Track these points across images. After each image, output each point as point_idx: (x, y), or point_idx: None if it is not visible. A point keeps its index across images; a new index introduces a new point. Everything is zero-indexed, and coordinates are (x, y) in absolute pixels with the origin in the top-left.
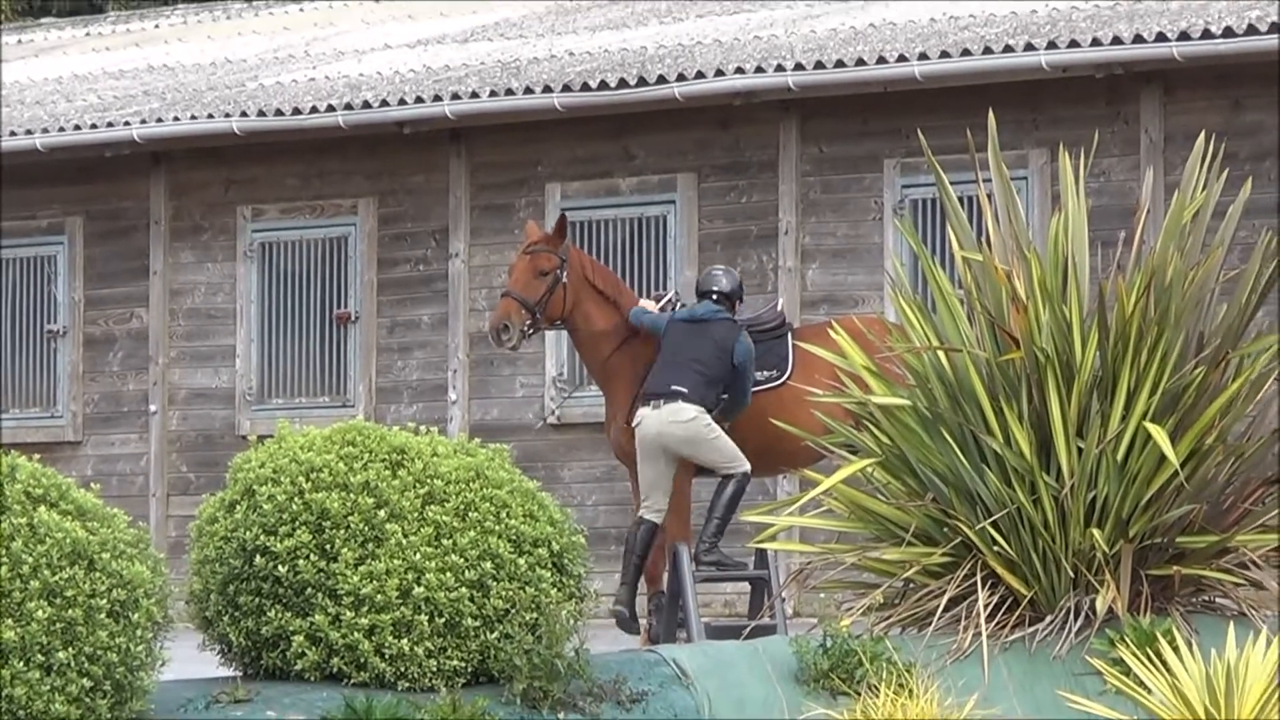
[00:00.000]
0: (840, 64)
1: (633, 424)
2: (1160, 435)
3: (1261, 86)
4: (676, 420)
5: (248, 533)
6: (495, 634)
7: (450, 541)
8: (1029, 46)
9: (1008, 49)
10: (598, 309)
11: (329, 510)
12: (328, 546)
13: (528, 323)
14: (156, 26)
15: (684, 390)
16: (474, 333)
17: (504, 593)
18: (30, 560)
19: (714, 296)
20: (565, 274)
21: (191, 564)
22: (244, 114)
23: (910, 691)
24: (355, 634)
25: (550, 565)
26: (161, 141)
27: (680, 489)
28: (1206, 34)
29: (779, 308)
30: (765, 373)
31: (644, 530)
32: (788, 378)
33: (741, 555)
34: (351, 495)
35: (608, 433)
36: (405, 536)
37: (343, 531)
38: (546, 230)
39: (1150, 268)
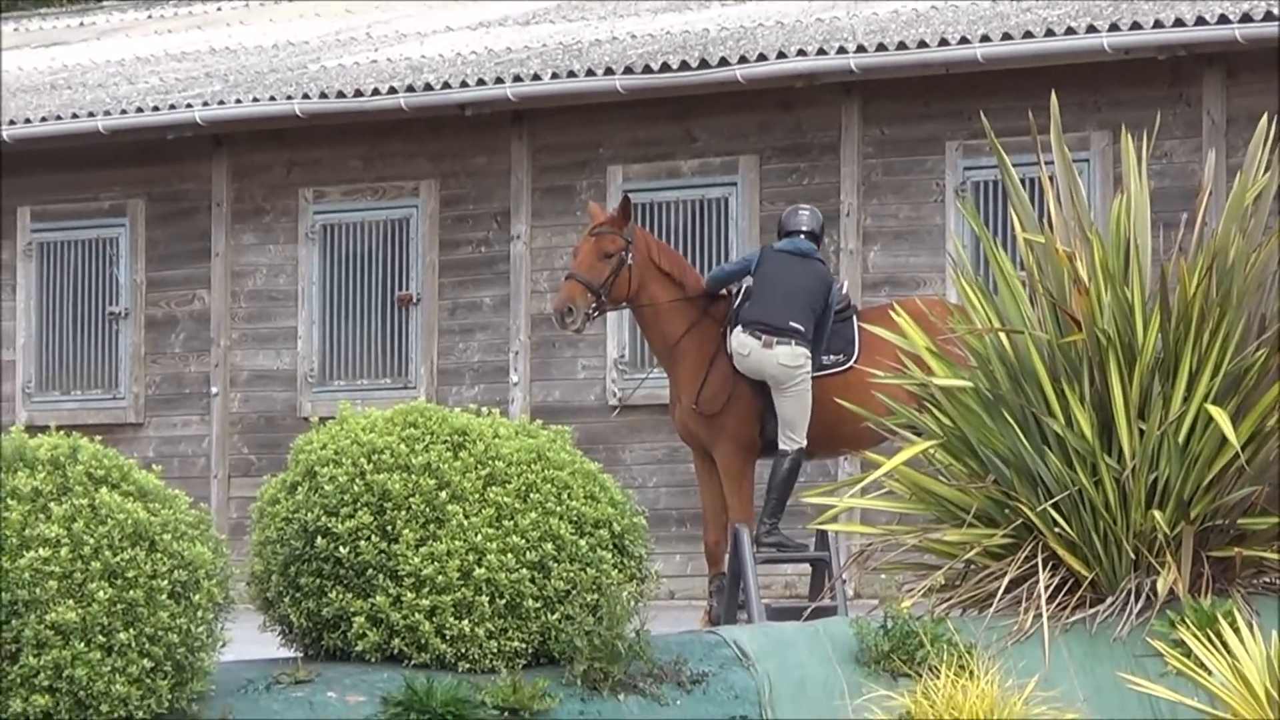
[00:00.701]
0: (902, 46)
1: (737, 351)
2: (1222, 417)
3: None
4: (786, 365)
5: (309, 514)
6: (556, 615)
7: (511, 523)
8: (1091, 29)
9: (1070, 31)
10: (663, 290)
11: (390, 491)
12: (389, 528)
13: (593, 305)
14: (219, 9)
15: (801, 329)
16: (535, 314)
17: (565, 574)
18: (92, 541)
19: (804, 234)
20: (631, 256)
21: (252, 545)
22: (306, 96)
23: (971, 673)
24: (416, 615)
25: (611, 546)
26: (223, 124)
27: (743, 472)
28: (1269, 15)
29: (844, 290)
30: (832, 356)
31: (790, 462)
32: (855, 361)
33: (802, 537)
34: (413, 476)
35: (672, 414)
36: (466, 518)
37: (404, 513)
38: (610, 212)
39: (1212, 250)
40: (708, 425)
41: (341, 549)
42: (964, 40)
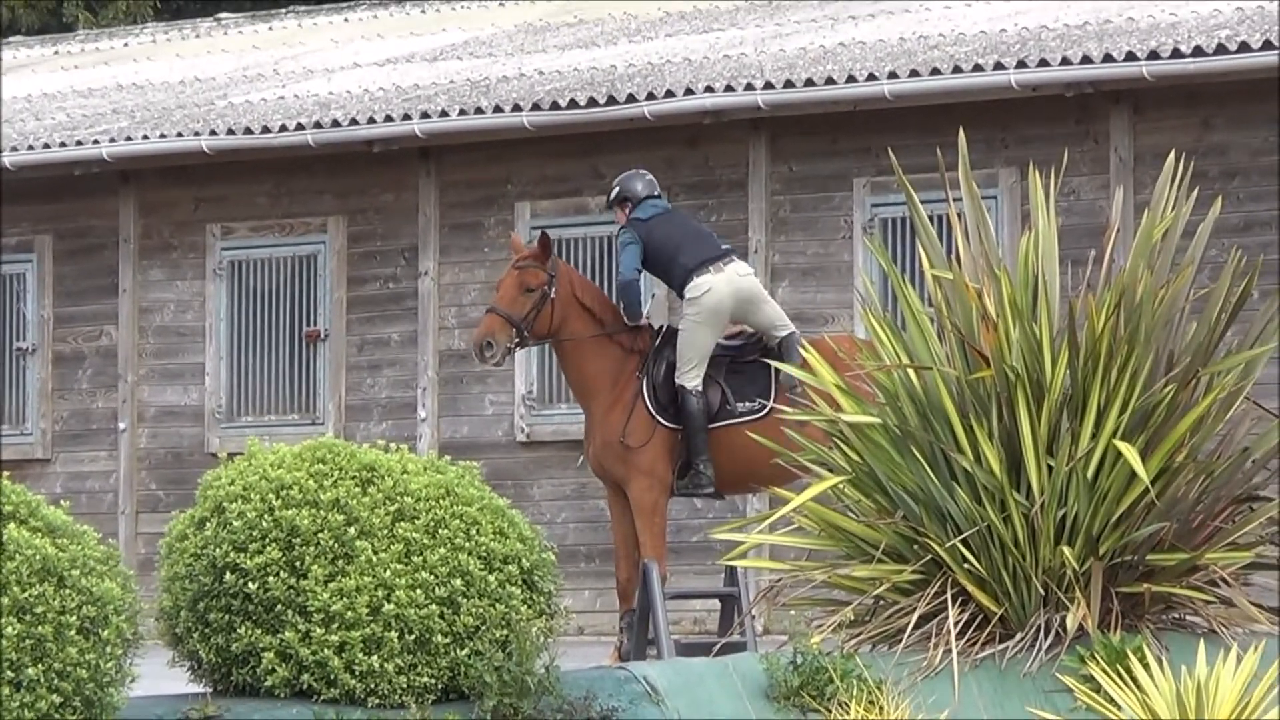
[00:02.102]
0: (810, 83)
1: (694, 294)
2: (1130, 453)
3: (1231, 106)
4: (747, 274)
5: (218, 550)
6: (465, 651)
7: (420, 558)
8: (998, 65)
9: (977, 68)
10: (585, 326)
11: (299, 527)
12: (298, 563)
13: (514, 339)
14: (125, 45)
15: (732, 248)
16: (444, 350)
17: (474, 610)
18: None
19: (658, 195)
20: (554, 290)
21: (161, 581)
22: (213, 132)
23: (881, 708)
24: (325, 651)
25: (520, 582)
26: (131, 160)
27: (655, 507)
28: (1176, 53)
29: (753, 335)
30: (747, 404)
31: (703, 402)
32: (773, 404)
33: (712, 573)
34: (321, 512)
35: (586, 451)
36: (375, 553)
37: (313, 548)
38: (531, 246)
39: (1120, 286)
40: (623, 461)
41: (250, 585)
42: (872, 77)
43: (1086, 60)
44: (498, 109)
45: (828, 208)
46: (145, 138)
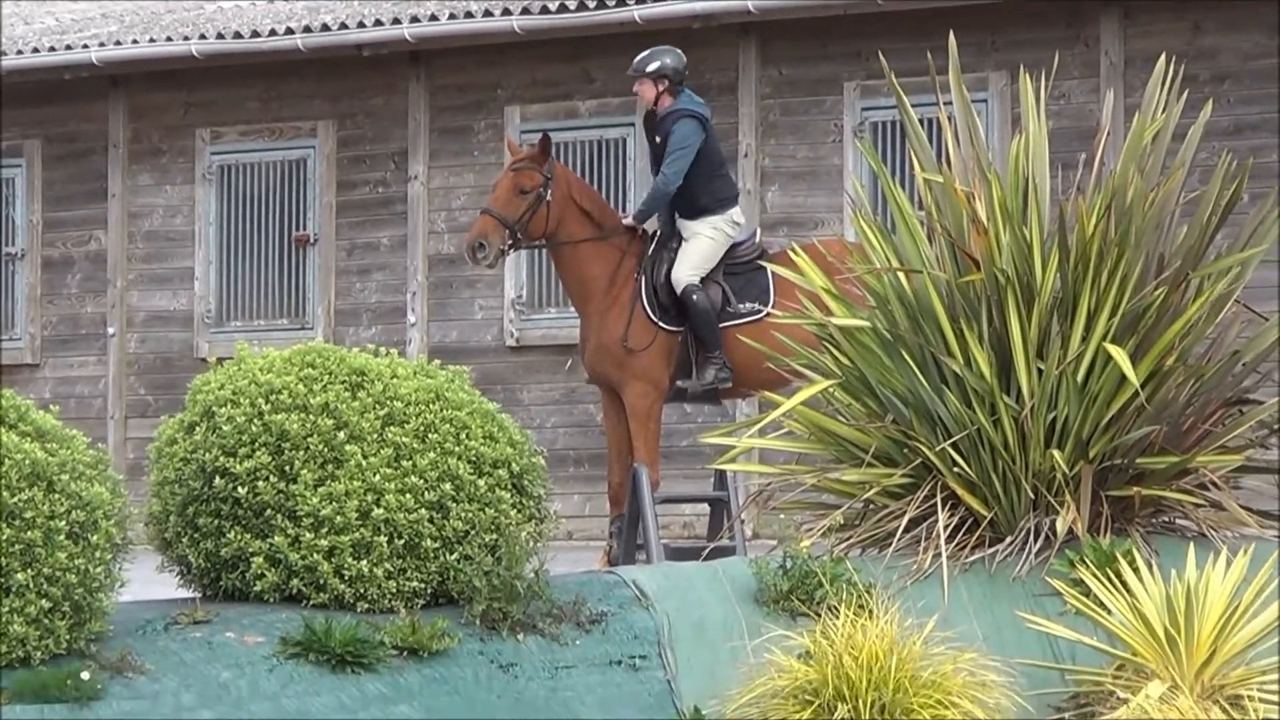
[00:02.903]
0: None
1: (735, 216)
2: (1120, 356)
3: (1222, 9)
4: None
5: (207, 454)
6: (455, 555)
7: (410, 463)
8: None
9: None
10: (582, 229)
11: (288, 432)
12: (287, 468)
13: (508, 241)
14: None
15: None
16: (433, 255)
17: (463, 514)
18: None
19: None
20: (550, 192)
21: (150, 486)
22: (203, 37)
23: (870, 612)
24: (314, 555)
25: (510, 486)
26: (120, 64)
27: (650, 413)
28: None
29: (757, 238)
30: (748, 304)
31: (708, 299)
32: (771, 308)
33: (702, 477)
34: (311, 417)
35: (581, 355)
36: (365, 458)
37: (302, 453)
38: (529, 148)
39: (1110, 189)
40: (620, 365)
41: (240, 489)
42: None
43: None
44: (487, 13)
45: (818, 111)
46: (135, 42)
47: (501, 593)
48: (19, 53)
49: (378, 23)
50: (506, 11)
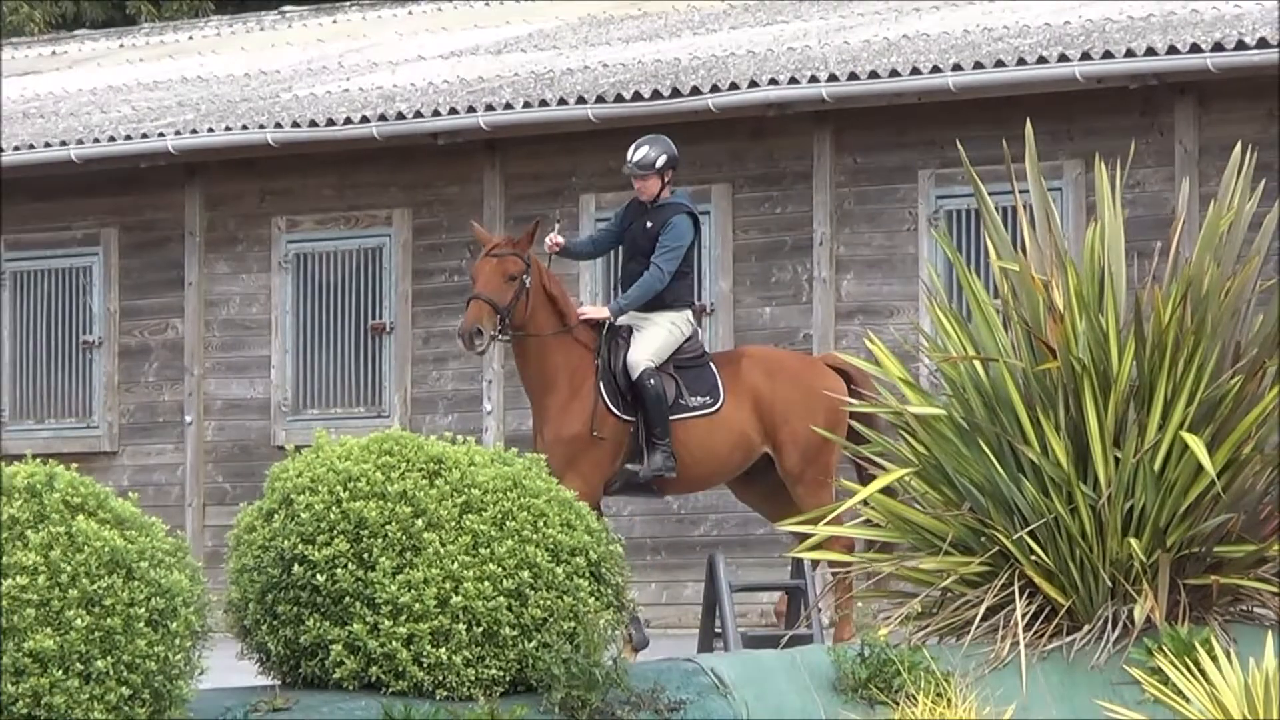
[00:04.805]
0: (874, 75)
1: (690, 316)
2: (1197, 445)
3: None
4: None
5: (285, 541)
6: (533, 643)
7: (488, 550)
8: (1063, 58)
9: (1041, 60)
10: (549, 320)
11: (366, 519)
12: (365, 555)
13: (498, 328)
14: (190, 38)
15: None
16: (508, 343)
17: (542, 602)
18: (69, 569)
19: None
20: (529, 280)
21: (229, 573)
22: (278, 125)
23: (948, 701)
24: (393, 643)
25: (588, 574)
26: (196, 153)
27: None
28: (1240, 45)
29: (699, 339)
30: (699, 398)
31: (662, 387)
32: (721, 404)
33: (779, 565)
34: (389, 504)
35: (535, 446)
36: (443, 545)
37: (380, 540)
38: (504, 235)
39: (1186, 278)
40: (566, 460)
41: (318, 577)
42: (936, 69)
43: (1151, 52)
44: (562, 101)
45: (892, 200)
46: (211, 130)
47: (580, 680)
48: (95, 141)
49: (453, 111)
50: (581, 100)
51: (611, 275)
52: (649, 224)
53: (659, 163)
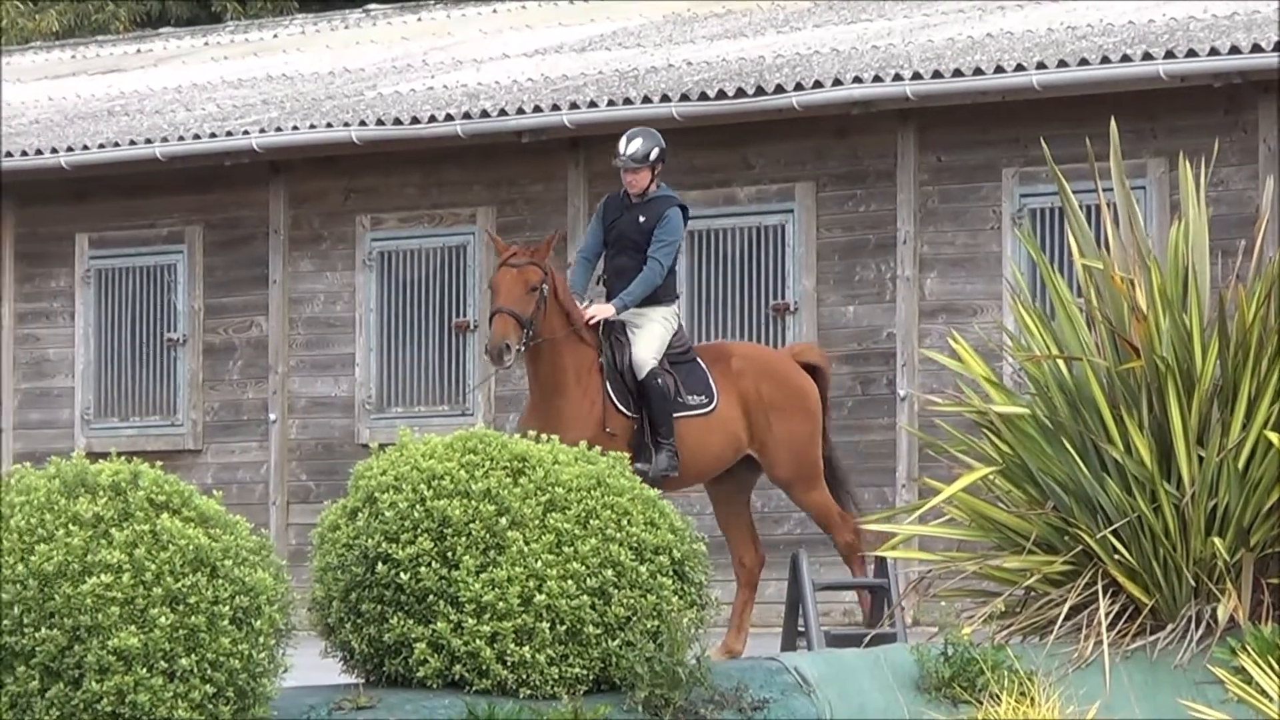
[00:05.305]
0: (958, 73)
1: (677, 309)
2: None
3: None
4: None
5: (370, 540)
6: (617, 642)
7: (571, 549)
8: (1147, 56)
9: (1125, 58)
10: (562, 324)
11: (450, 517)
12: (449, 554)
13: (523, 342)
14: (275, 36)
15: None
16: None
17: (625, 600)
18: (153, 567)
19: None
20: (547, 288)
21: (313, 571)
22: (363, 123)
23: (1032, 700)
24: (477, 641)
25: (671, 573)
26: (280, 150)
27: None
28: None
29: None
30: (695, 397)
31: (665, 383)
32: (716, 403)
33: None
34: (473, 502)
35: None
36: (527, 544)
37: (464, 539)
38: (522, 244)
39: (1271, 276)
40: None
41: (402, 575)
42: (1020, 68)
43: (1235, 50)
44: (646, 99)
45: (976, 198)
46: (295, 128)
47: (664, 679)
48: (180, 139)
49: (537, 109)
50: (665, 98)
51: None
52: (641, 218)
53: (651, 155)
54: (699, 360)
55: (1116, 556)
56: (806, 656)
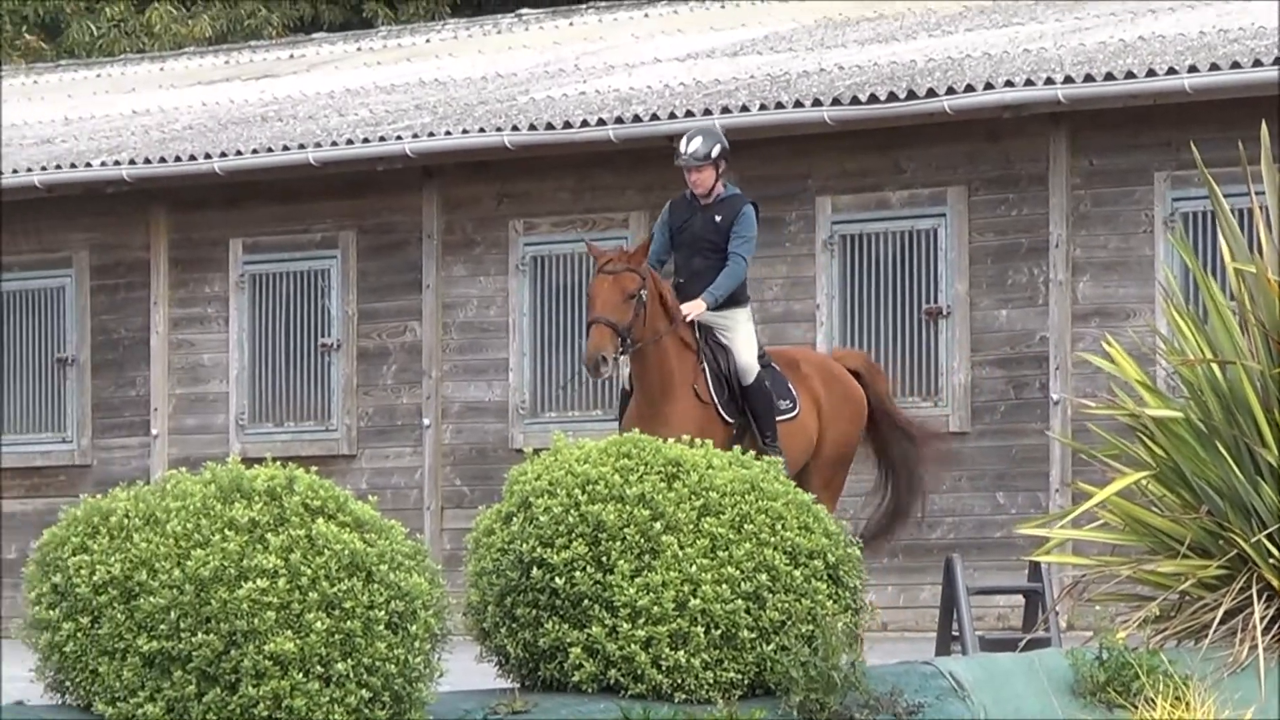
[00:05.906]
0: (1110, 77)
1: (749, 304)
2: None
3: None
4: None
5: (524, 544)
6: (771, 646)
7: (726, 553)
8: None
9: (1277, 61)
10: (664, 325)
11: (605, 522)
12: (604, 558)
13: (619, 350)
14: (427, 41)
15: None
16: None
17: (780, 605)
18: (309, 572)
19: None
20: (646, 294)
21: (468, 576)
22: (515, 128)
23: (1187, 704)
24: (632, 646)
25: (826, 577)
26: (433, 155)
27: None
28: None
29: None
30: (784, 402)
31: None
32: (798, 408)
33: (1016, 568)
34: (627, 507)
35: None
36: (681, 548)
37: (619, 543)
38: (618, 249)
39: None
40: None
41: (557, 579)
42: (1171, 71)
43: None
44: (798, 103)
45: (1128, 202)
46: (448, 133)
47: (819, 684)
48: (333, 144)
49: (688, 113)
50: (817, 102)
51: None
52: (717, 217)
53: (713, 153)
54: (774, 365)
55: (1271, 561)
56: (961, 661)
